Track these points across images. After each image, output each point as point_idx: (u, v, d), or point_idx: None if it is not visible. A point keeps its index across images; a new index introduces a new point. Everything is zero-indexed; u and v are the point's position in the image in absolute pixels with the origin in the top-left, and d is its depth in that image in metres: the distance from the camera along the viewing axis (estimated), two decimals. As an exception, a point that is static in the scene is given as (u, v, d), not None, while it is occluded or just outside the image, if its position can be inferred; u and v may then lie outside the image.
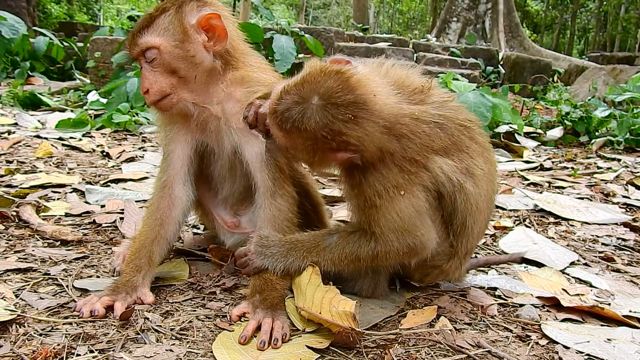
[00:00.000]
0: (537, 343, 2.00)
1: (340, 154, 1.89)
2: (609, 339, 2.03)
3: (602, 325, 2.19)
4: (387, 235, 2.03)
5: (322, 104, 1.82)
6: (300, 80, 1.90)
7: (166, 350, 1.78)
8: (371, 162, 1.95)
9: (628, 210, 4.14)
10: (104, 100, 7.36)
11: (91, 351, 1.75)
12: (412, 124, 1.98)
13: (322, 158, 1.95)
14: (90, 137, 5.89)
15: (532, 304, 2.31)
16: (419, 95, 2.08)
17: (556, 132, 7.70)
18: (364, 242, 2.07)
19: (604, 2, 40.39)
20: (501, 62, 15.62)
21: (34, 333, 1.84)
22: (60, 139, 5.53)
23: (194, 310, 2.11)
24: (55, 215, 3.18)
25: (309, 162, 2.06)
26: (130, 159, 4.94)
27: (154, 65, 2.20)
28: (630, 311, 2.30)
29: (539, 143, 7.39)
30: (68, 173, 4.23)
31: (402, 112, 1.96)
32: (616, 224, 3.74)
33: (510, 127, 7.20)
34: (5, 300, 2.05)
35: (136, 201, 3.46)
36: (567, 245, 3.20)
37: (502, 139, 6.96)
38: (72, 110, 7.43)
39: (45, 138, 5.49)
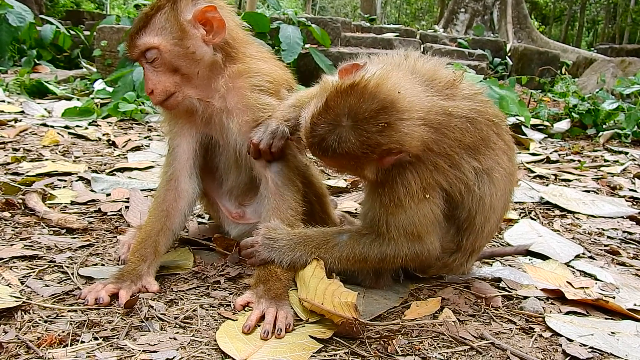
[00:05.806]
0: (540, 335, 2.00)
1: (387, 159, 1.88)
2: (613, 332, 2.03)
3: (606, 318, 2.18)
4: (400, 239, 2.04)
5: (351, 124, 1.80)
6: (322, 107, 1.85)
7: (170, 338, 1.79)
8: (414, 159, 1.93)
9: (634, 203, 4.12)
10: (110, 89, 7.35)
11: (95, 338, 1.76)
12: (445, 119, 1.96)
13: (371, 168, 1.93)
14: (97, 125, 5.89)
15: (536, 297, 2.30)
16: (449, 89, 2.04)
17: (563, 125, 7.64)
18: (375, 245, 2.09)
19: (614, -6, 39.97)
20: (509, 54, 15.49)
21: (39, 320, 1.85)
22: (67, 127, 5.54)
23: (198, 299, 2.12)
24: (61, 203, 3.19)
25: (362, 175, 2.02)
26: (136, 148, 4.94)
27: (155, 65, 2.19)
28: (635, 305, 2.30)
29: (546, 135, 7.34)
30: (74, 161, 4.25)
31: (434, 105, 1.93)
32: (622, 217, 3.72)
33: (517, 119, 7.15)
34: (10, 287, 2.07)
35: (142, 190, 3.47)
36: (573, 238, 3.19)
37: (509, 131, 6.90)
38: (78, 99, 7.43)
39: (52, 126, 5.50)
